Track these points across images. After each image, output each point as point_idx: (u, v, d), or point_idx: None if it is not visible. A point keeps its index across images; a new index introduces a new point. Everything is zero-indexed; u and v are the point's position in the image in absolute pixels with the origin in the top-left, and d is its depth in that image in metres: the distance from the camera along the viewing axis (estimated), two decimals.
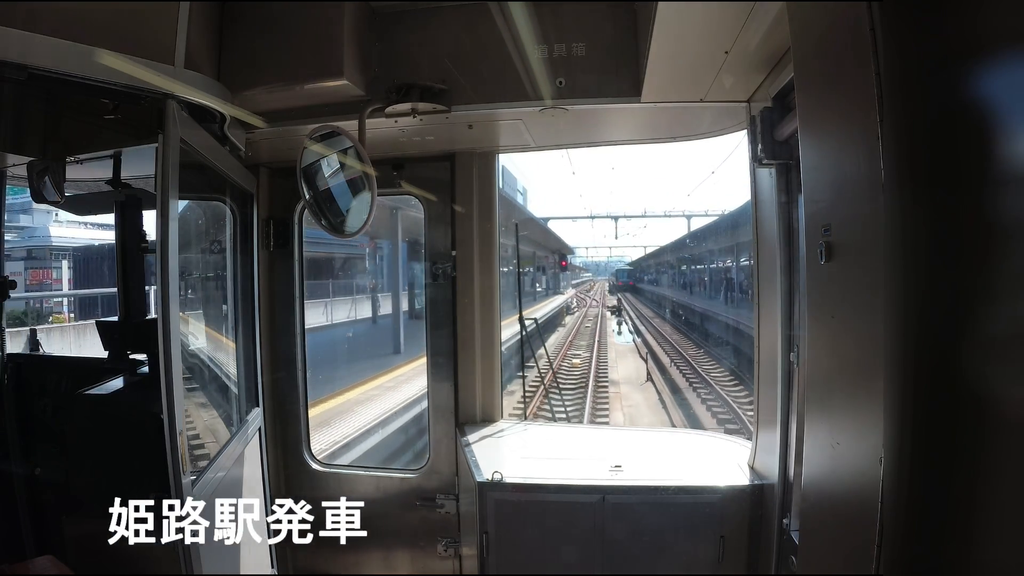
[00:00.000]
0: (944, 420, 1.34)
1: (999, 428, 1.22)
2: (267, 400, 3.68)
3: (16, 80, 1.96)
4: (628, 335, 27.01)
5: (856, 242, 1.54)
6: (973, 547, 1.29)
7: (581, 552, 3.00)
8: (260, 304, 3.60)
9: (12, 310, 18.04)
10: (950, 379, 1.33)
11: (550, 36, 2.82)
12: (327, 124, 2.74)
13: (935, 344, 1.36)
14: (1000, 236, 1.22)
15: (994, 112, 1.23)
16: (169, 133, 2.26)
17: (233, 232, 3.47)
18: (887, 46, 1.36)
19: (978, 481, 1.27)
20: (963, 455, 1.30)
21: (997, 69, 1.22)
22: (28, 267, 24.46)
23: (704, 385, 16.27)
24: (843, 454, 1.62)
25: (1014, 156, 1.17)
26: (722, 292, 30.43)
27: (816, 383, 1.83)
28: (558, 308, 33.36)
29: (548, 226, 40.43)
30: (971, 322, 1.31)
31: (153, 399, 2.31)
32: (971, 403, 1.28)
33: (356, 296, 16.07)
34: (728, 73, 2.65)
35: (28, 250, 24.93)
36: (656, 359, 20.65)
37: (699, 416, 13.94)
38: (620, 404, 14.40)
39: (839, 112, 1.64)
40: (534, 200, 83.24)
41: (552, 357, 19.18)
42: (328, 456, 4.65)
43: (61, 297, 19.25)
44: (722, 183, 55.67)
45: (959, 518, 1.31)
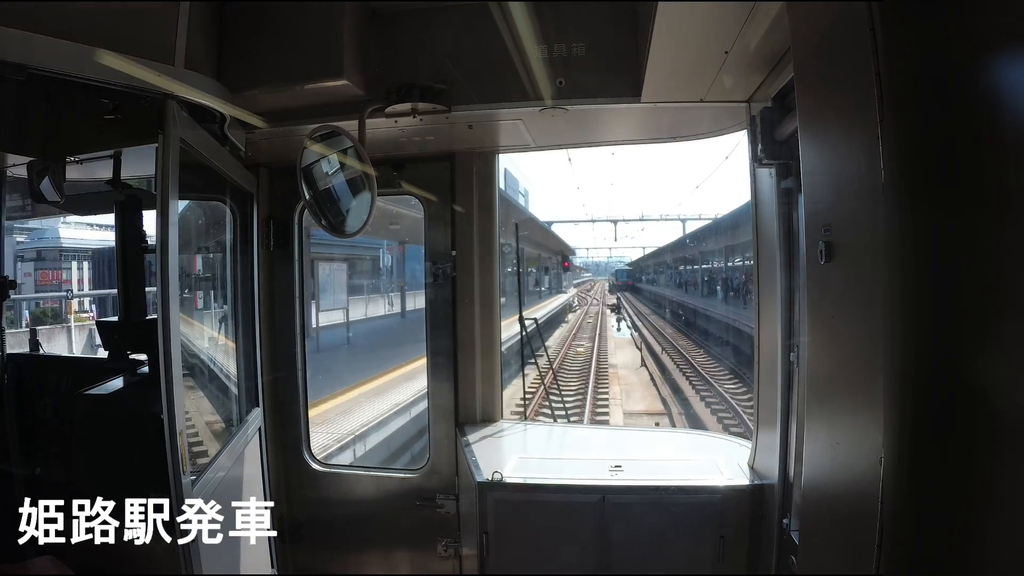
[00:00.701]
0: (944, 420, 1.34)
1: (999, 428, 1.22)
2: (267, 400, 3.68)
3: (16, 80, 1.96)
4: (626, 330, 29.73)
5: (856, 242, 1.54)
6: (973, 547, 1.29)
7: (581, 552, 3.00)
8: (260, 304, 3.60)
9: (35, 310, 18.34)
10: (950, 379, 1.33)
11: (550, 36, 2.82)
12: (327, 124, 2.74)
13: (935, 344, 1.36)
14: (1000, 236, 1.23)
15: (994, 112, 1.23)
16: (169, 133, 2.26)
17: (233, 232, 3.47)
18: (887, 46, 1.36)
19: (978, 481, 1.27)
20: (963, 455, 1.30)
21: (997, 69, 1.22)
22: (41, 268, 24.75)
23: (690, 367, 18.75)
24: (843, 454, 1.62)
25: (1014, 156, 1.17)
26: (709, 289, 33.93)
27: (816, 383, 1.83)
28: (562, 306, 35.56)
29: (552, 229, 42.74)
30: (971, 322, 1.31)
31: (153, 399, 2.31)
32: (971, 403, 1.28)
33: (385, 294, 18.73)
34: (728, 73, 2.65)
35: (36, 251, 25.19)
36: (650, 348, 23.50)
37: (683, 390, 16.36)
38: (618, 382, 17.46)
39: (839, 112, 1.64)
40: (539, 204, 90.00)
41: (558, 347, 22.53)
42: (388, 407, 4.60)
43: (83, 297, 19.43)
44: (713, 189, 59.83)
45: (959, 518, 1.31)
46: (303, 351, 3.88)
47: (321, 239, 8.95)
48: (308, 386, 3.91)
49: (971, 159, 1.30)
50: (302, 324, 3.92)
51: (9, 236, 16.45)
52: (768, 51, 2.43)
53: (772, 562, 2.80)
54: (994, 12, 1.22)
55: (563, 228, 56.92)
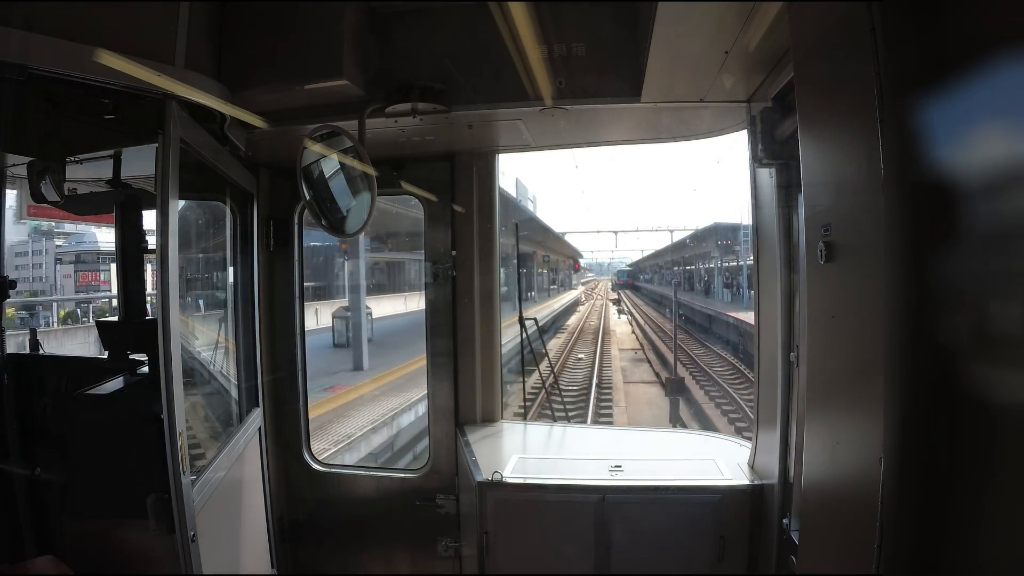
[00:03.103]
0: (944, 420, 1.34)
1: (999, 428, 1.22)
2: (267, 400, 3.68)
3: (16, 80, 1.96)
4: (624, 316, 44.39)
5: (856, 242, 1.54)
6: (973, 547, 1.29)
7: (581, 552, 3.00)
8: (260, 304, 3.60)
9: (67, 311, 18.57)
10: (950, 379, 1.33)
11: (550, 36, 2.82)
12: (327, 124, 2.74)
13: (935, 344, 1.36)
14: (999, 236, 1.22)
15: (994, 112, 1.23)
16: (169, 133, 2.26)
17: (233, 232, 3.47)
18: (887, 46, 1.36)
19: (977, 481, 1.27)
20: (963, 455, 1.30)
21: (997, 69, 1.22)
22: (77, 270, 25.27)
23: (660, 331, 32.67)
24: (843, 454, 1.62)
25: (1014, 156, 1.17)
26: (689, 286, 51.51)
27: (816, 383, 1.83)
28: (574, 300, 51.82)
29: (565, 239, 55.56)
30: (970, 322, 1.31)
31: (153, 399, 2.31)
32: (971, 403, 1.28)
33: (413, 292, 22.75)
34: (728, 73, 2.65)
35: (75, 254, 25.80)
36: (638, 323, 39.03)
37: (656, 345, 27.91)
38: (616, 341, 29.80)
39: (839, 112, 1.64)
40: (553, 216, 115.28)
41: (576, 323, 36.25)
42: None
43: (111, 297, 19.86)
44: (699, 201, 69.05)
45: (959, 518, 1.31)
46: (303, 351, 3.88)
47: None
48: (308, 386, 3.91)
49: (971, 159, 1.30)
50: (302, 324, 3.92)
51: (48, 240, 16.72)
52: (768, 51, 2.43)
53: (772, 562, 2.80)
54: (994, 12, 1.22)
55: (572, 236, 67.94)
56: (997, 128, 1.24)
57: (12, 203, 3.53)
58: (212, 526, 2.58)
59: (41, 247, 58.93)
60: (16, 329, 22.50)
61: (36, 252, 62.09)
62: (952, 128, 1.33)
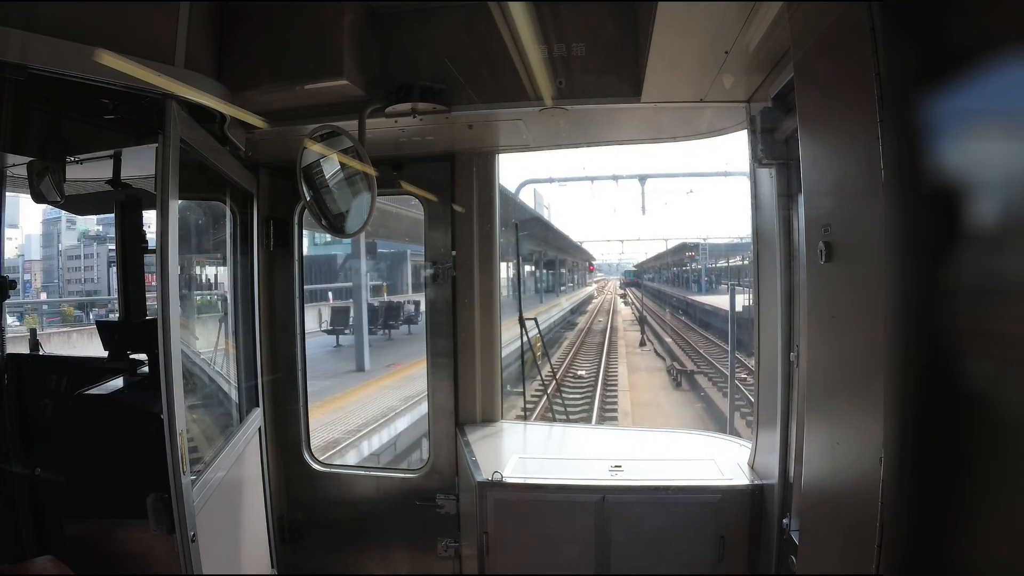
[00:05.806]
0: (944, 420, 1.34)
1: (998, 428, 1.22)
2: (267, 400, 3.68)
3: (16, 80, 1.96)
4: (629, 307, 56.40)
5: (856, 242, 1.54)
6: (973, 547, 1.29)
7: (581, 552, 3.00)
8: (260, 304, 3.60)
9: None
10: (950, 379, 1.33)
11: (550, 36, 2.82)
12: (327, 124, 2.73)
13: (935, 344, 1.36)
14: (1000, 236, 1.22)
15: (994, 112, 1.23)
16: (169, 133, 2.26)
17: (233, 232, 3.47)
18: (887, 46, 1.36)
19: (977, 481, 1.26)
20: (963, 455, 1.30)
21: (997, 69, 1.22)
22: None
23: (660, 322, 39.93)
24: (843, 454, 1.62)
25: (1014, 156, 1.17)
26: (683, 283, 67.64)
27: (816, 383, 1.83)
28: (587, 295, 66.91)
29: (582, 246, 72.07)
30: (971, 322, 1.31)
31: (153, 399, 2.31)
32: (970, 403, 1.28)
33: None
34: (728, 73, 2.65)
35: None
36: (637, 309, 48.92)
37: (653, 326, 34.77)
38: (622, 324, 37.90)
39: (839, 112, 1.64)
40: (569, 223, 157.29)
41: (592, 311, 47.56)
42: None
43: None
44: (697, 207, 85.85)
45: (959, 518, 1.31)
46: (303, 351, 3.88)
47: None
48: (308, 386, 3.91)
49: (971, 159, 1.30)
50: (302, 324, 3.92)
51: (100, 244, 16.87)
52: (768, 51, 2.43)
53: (772, 562, 2.80)
54: (994, 12, 1.22)
55: (587, 244, 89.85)
56: (997, 128, 1.24)
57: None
58: (212, 526, 2.58)
59: (92, 251, 60.56)
60: (71, 325, 23.05)
61: (87, 256, 63.89)
62: (952, 128, 1.33)
